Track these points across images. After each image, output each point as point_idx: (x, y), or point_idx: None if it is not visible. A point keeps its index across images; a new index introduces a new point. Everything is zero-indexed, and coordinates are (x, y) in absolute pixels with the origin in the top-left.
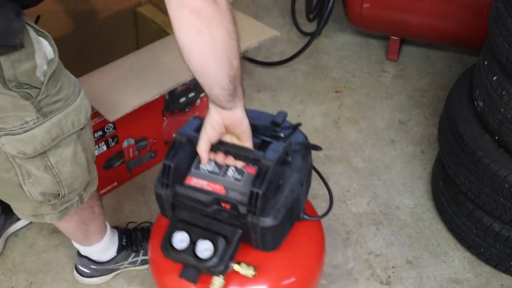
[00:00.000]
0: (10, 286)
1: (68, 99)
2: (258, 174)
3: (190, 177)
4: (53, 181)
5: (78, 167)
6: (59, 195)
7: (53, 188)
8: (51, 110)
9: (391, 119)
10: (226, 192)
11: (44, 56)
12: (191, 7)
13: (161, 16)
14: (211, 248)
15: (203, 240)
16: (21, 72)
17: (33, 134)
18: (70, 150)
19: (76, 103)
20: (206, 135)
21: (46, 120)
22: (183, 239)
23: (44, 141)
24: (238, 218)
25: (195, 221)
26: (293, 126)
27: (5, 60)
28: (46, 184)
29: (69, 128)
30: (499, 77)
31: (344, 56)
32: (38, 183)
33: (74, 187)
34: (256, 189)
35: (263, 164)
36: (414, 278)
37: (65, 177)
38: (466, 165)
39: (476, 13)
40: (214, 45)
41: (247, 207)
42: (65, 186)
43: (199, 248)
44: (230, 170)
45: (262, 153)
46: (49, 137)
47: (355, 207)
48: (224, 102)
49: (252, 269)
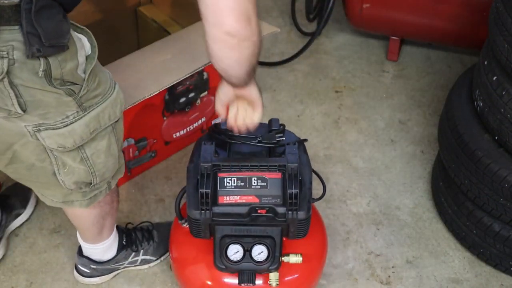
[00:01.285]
0: (10, 286)
1: (106, 93)
2: (288, 177)
3: (222, 196)
4: (87, 171)
5: (111, 158)
6: (91, 184)
7: (87, 178)
8: (90, 104)
9: (391, 119)
10: (259, 200)
11: (84, 53)
12: (227, 30)
13: (161, 15)
14: (265, 250)
15: (256, 245)
16: (66, 71)
17: (73, 129)
18: (105, 142)
19: (112, 97)
20: (220, 100)
21: (85, 114)
22: (237, 250)
23: (83, 135)
24: (275, 218)
25: (238, 232)
26: (282, 128)
27: (54, 61)
28: (80, 174)
29: (106, 121)
30: (499, 77)
31: (344, 56)
32: (73, 173)
33: (106, 176)
34: (293, 190)
35: (289, 168)
36: (414, 278)
37: (98, 168)
38: (466, 165)
39: (476, 13)
40: (242, 57)
41: (287, 206)
42: (98, 176)
43: (254, 254)
44: (253, 180)
45: (285, 159)
46: (87, 130)
47: (355, 207)
48: (238, 85)
49: (299, 255)
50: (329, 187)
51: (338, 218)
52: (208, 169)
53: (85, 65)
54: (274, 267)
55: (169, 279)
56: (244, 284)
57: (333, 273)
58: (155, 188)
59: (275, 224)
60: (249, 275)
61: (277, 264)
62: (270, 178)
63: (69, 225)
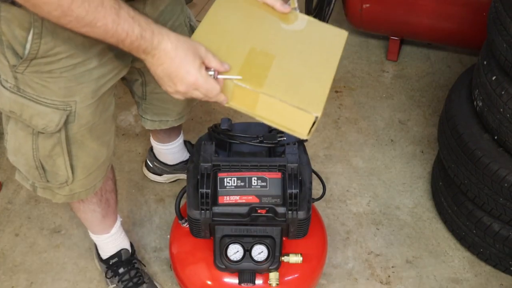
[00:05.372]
0: (11, 286)
1: (49, 101)
2: (288, 177)
3: (222, 196)
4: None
5: (20, 155)
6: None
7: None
8: (25, 90)
9: (391, 119)
10: (259, 200)
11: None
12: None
13: None
14: (265, 250)
15: (256, 245)
16: (5, 30)
17: (1, 93)
18: (20, 134)
19: (48, 110)
20: None
21: (15, 93)
22: (237, 250)
23: (4, 106)
24: (275, 218)
25: (238, 232)
26: None
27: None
28: (7, 144)
29: (26, 118)
30: (498, 76)
31: (344, 56)
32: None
33: (17, 165)
34: (293, 190)
35: (289, 168)
36: (414, 278)
37: (9, 148)
38: (465, 165)
39: (476, 13)
40: None
41: (287, 206)
42: (9, 156)
43: (254, 254)
44: (253, 180)
45: (285, 159)
46: (8, 107)
47: (355, 207)
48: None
49: (299, 255)
50: (329, 187)
51: (338, 218)
52: (208, 169)
53: (30, 43)
54: (274, 267)
55: (169, 279)
56: (244, 284)
57: (333, 273)
58: (155, 188)
59: (275, 224)
60: (249, 275)
61: (277, 264)
62: (270, 178)
63: (69, 225)
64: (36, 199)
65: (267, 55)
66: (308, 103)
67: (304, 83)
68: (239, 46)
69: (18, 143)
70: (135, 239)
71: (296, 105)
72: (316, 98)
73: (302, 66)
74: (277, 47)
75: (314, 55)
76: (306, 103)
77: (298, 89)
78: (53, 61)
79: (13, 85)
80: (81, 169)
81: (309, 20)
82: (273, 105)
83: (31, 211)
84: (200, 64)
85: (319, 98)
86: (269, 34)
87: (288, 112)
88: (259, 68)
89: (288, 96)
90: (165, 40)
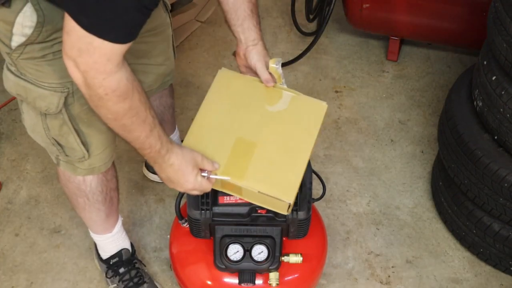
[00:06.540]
0: (11, 285)
1: (48, 84)
2: None
3: (222, 196)
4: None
5: (37, 134)
6: None
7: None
8: (25, 73)
9: (391, 119)
10: None
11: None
12: None
13: None
14: (265, 250)
15: (256, 245)
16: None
17: (7, 77)
18: (31, 114)
19: (46, 92)
20: None
21: (18, 76)
22: (237, 250)
23: (11, 89)
24: (275, 218)
25: (238, 232)
26: None
27: None
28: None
29: (31, 101)
30: (498, 76)
31: (344, 56)
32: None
33: (37, 139)
34: None
35: None
36: (414, 277)
37: (27, 126)
38: (465, 165)
39: (476, 13)
40: None
41: None
42: (28, 132)
43: (254, 254)
44: None
45: None
46: (14, 90)
47: (355, 207)
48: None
49: (299, 255)
50: (329, 187)
51: (338, 218)
52: None
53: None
54: (274, 267)
55: (169, 279)
56: (244, 284)
57: (333, 273)
58: (155, 188)
59: (275, 224)
60: (249, 275)
61: (277, 264)
62: None
63: (69, 225)
64: (36, 199)
65: (250, 144)
66: (282, 193)
67: (280, 172)
68: (226, 139)
69: (32, 122)
70: (135, 239)
71: (272, 195)
72: (290, 186)
73: (281, 152)
74: (260, 134)
75: (295, 135)
76: (281, 193)
77: (274, 179)
78: (47, 46)
79: (15, 69)
80: (95, 145)
81: (292, 97)
82: (254, 193)
83: (31, 211)
84: (197, 172)
85: (293, 185)
86: (254, 120)
87: (266, 198)
88: (242, 158)
89: (265, 187)
90: (173, 157)
